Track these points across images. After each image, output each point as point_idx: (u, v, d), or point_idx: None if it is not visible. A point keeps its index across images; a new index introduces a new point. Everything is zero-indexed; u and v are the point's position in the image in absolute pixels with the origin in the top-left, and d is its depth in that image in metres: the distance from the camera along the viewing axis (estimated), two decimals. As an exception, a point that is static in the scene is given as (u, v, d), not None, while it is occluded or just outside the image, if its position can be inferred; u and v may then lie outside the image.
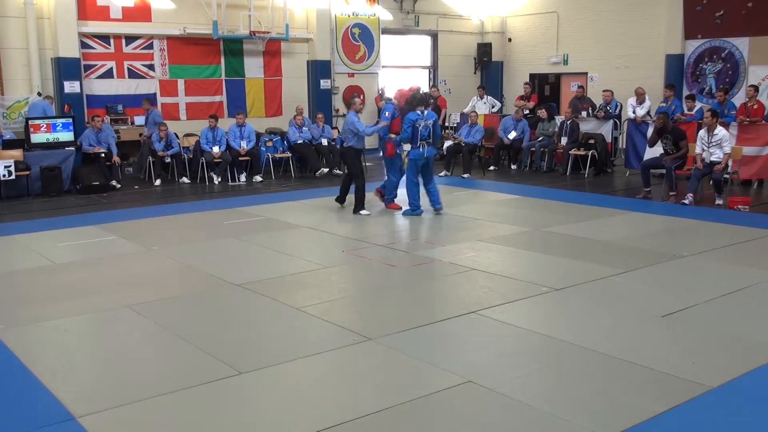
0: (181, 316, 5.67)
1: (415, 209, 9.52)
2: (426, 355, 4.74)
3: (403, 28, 18.38)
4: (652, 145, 11.06)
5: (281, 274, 6.77)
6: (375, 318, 5.57)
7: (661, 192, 10.87)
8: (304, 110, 15.14)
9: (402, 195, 9.94)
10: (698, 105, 13.24)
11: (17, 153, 11.63)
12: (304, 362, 4.65)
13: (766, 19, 14.52)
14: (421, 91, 10.13)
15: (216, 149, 12.95)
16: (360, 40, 17.38)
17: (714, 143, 10.21)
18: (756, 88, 12.55)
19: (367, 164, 14.77)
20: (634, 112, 13.29)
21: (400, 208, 9.83)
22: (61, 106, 13.33)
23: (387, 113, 9.87)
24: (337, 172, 13.87)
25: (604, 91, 14.30)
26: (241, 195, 11.86)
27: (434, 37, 19.08)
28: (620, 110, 14.07)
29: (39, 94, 13.15)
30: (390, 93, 17.74)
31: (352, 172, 9.84)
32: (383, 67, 18.04)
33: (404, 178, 9.72)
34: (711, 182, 10.42)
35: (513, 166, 14.65)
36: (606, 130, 13.67)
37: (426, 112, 9.33)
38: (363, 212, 9.61)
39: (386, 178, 10.23)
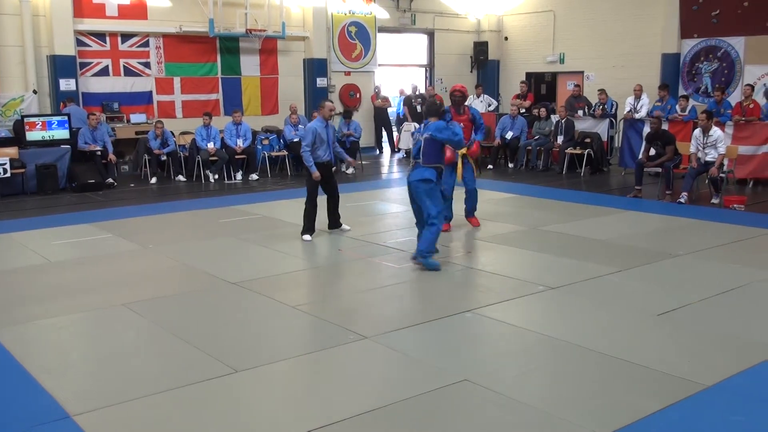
0: (177, 314, 5.66)
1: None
2: (422, 353, 4.74)
3: (399, 27, 18.37)
4: (646, 153, 11.04)
5: (277, 272, 6.77)
6: (371, 316, 5.56)
7: (656, 191, 10.90)
8: (301, 108, 15.11)
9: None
10: (691, 104, 13.27)
11: (12, 151, 11.61)
12: (300, 360, 4.65)
13: (762, 18, 14.56)
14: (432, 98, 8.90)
15: (211, 145, 12.94)
16: (356, 38, 17.36)
17: (709, 144, 10.23)
18: (752, 87, 12.58)
19: (364, 163, 14.86)
20: (632, 111, 13.31)
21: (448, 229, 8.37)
22: (56, 103, 13.29)
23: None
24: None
25: (599, 92, 14.31)
26: (237, 193, 11.84)
27: (431, 35, 19.07)
28: (616, 109, 14.11)
29: (34, 91, 13.12)
30: (386, 92, 17.82)
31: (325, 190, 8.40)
32: (380, 65, 18.03)
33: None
34: (707, 181, 10.45)
35: (510, 165, 14.67)
36: (602, 129, 13.69)
37: (428, 125, 6.83)
38: (305, 237, 8.12)
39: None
